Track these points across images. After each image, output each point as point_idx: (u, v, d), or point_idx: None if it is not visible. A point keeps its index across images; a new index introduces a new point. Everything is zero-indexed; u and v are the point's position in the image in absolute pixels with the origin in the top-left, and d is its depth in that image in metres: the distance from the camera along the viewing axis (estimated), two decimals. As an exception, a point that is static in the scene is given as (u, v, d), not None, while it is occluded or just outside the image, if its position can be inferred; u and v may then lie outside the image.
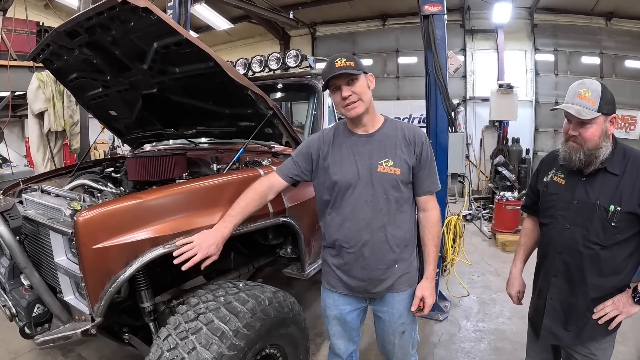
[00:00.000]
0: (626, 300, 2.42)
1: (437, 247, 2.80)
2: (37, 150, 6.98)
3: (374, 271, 2.69)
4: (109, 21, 2.87)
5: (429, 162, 2.71)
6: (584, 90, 2.34)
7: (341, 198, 2.69)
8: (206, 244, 2.64)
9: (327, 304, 3.01)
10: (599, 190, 2.41)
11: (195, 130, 4.47)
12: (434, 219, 2.78)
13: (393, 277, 2.73)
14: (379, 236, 2.65)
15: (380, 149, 2.66)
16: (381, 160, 2.63)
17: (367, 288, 2.76)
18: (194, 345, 2.40)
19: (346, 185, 2.65)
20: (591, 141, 2.35)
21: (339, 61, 2.54)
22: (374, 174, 2.62)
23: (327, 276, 2.96)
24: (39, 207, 3.05)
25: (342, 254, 2.75)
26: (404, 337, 2.91)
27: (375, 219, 2.63)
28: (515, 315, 5.25)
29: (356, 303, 2.92)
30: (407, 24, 14.38)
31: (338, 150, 2.75)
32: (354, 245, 2.68)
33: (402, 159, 2.63)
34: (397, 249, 2.70)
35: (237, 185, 3.14)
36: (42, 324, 2.88)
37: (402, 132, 2.70)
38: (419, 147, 2.67)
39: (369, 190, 2.62)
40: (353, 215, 2.66)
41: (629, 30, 12.67)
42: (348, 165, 2.68)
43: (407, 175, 2.65)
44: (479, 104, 14.00)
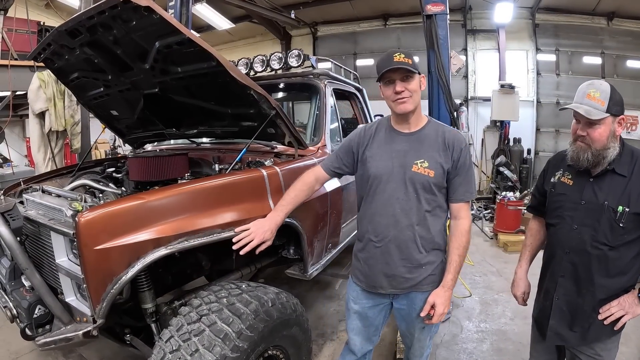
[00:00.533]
0: (632, 300, 2.42)
1: (461, 257, 2.73)
2: (38, 150, 6.96)
3: (398, 268, 2.71)
4: (110, 20, 2.84)
5: (465, 169, 2.67)
6: (593, 90, 2.35)
7: (374, 192, 2.72)
8: (262, 230, 2.83)
9: (351, 297, 3.03)
10: (607, 191, 2.41)
11: (197, 130, 4.45)
12: (463, 228, 2.72)
13: (418, 277, 2.73)
14: (406, 234, 2.66)
15: (418, 148, 2.66)
16: (417, 160, 2.63)
17: (391, 283, 2.76)
18: (196, 347, 2.39)
19: (380, 179, 2.69)
20: (599, 142, 2.36)
21: (397, 56, 2.52)
22: (408, 172, 2.62)
23: (354, 269, 2.99)
24: (40, 208, 3.03)
25: (370, 248, 2.79)
26: (424, 332, 2.93)
27: (405, 217, 2.65)
28: (518, 316, 5.24)
29: (379, 299, 2.91)
30: (408, 23, 14.38)
31: (378, 144, 2.78)
32: (381, 240, 2.71)
33: (438, 162, 2.62)
34: (424, 251, 2.70)
35: (240, 186, 3.14)
36: (43, 325, 2.87)
37: (443, 136, 2.67)
38: (457, 153, 2.64)
39: (402, 187, 2.64)
40: (384, 210, 2.69)
41: (631, 30, 12.67)
42: (384, 160, 2.70)
43: (441, 179, 2.63)
44: (480, 104, 13.99)
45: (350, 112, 6.42)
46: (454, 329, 5.07)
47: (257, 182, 3.23)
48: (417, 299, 2.80)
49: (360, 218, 2.90)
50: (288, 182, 3.40)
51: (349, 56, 15.90)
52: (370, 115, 6.35)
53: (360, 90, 6.28)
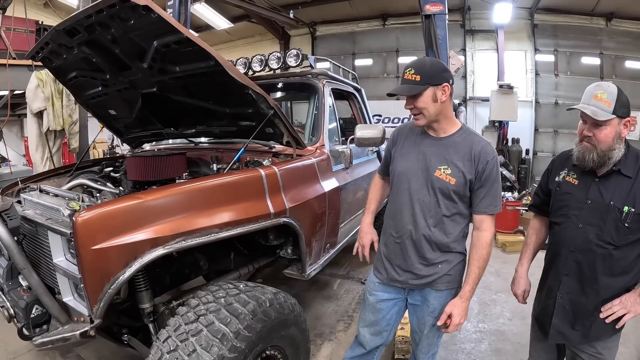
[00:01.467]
0: (634, 299, 2.44)
1: (480, 269, 2.69)
2: (36, 149, 6.96)
3: (414, 264, 2.78)
4: (108, 19, 2.83)
5: (490, 182, 2.65)
6: (600, 92, 2.37)
7: (398, 189, 2.83)
8: (366, 236, 3.19)
9: (369, 287, 3.11)
10: (612, 191, 2.44)
11: (196, 130, 4.46)
12: (484, 240, 2.71)
13: (434, 275, 2.77)
14: (422, 234, 2.72)
15: (443, 154, 2.68)
16: (440, 165, 2.66)
17: (407, 278, 2.83)
18: (194, 347, 2.38)
19: (404, 178, 2.78)
20: (605, 143, 2.38)
21: (407, 72, 2.59)
22: (431, 176, 2.67)
23: (377, 261, 3.07)
24: (37, 207, 3.02)
25: (391, 243, 2.89)
26: (433, 329, 2.92)
27: (423, 218, 2.71)
28: (516, 316, 5.25)
29: (394, 293, 2.97)
30: (407, 23, 14.45)
31: (408, 144, 2.87)
32: (400, 237, 2.81)
33: (461, 170, 2.62)
34: (438, 251, 2.74)
35: (238, 185, 3.13)
36: (41, 325, 2.86)
37: (471, 146, 2.66)
38: (482, 165, 2.61)
39: (424, 190, 2.70)
40: (405, 208, 2.77)
41: (629, 30, 12.72)
42: (411, 160, 2.78)
43: (462, 188, 2.64)
44: (479, 104, 14.04)
45: (348, 112, 6.42)
46: (452, 329, 5.08)
47: (255, 181, 3.22)
48: (431, 297, 2.84)
49: (387, 214, 2.99)
50: (286, 181, 3.42)
51: (348, 56, 15.95)
52: (369, 116, 6.35)
53: (359, 90, 6.28)
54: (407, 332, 4.08)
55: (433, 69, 2.59)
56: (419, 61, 2.65)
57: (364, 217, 3.24)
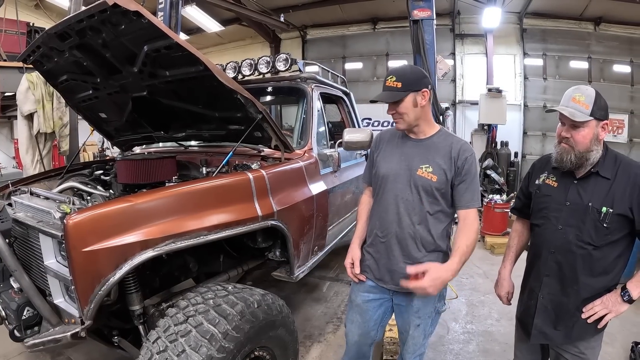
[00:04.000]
0: (615, 299, 2.47)
1: (468, 247, 2.64)
2: (26, 151, 6.94)
3: (399, 264, 2.81)
4: (99, 24, 2.86)
5: (470, 177, 2.75)
6: (578, 94, 2.42)
7: (383, 190, 2.90)
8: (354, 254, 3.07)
9: (354, 288, 3.14)
10: (591, 192, 2.48)
11: (185, 133, 4.47)
12: (473, 226, 2.74)
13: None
14: (407, 232, 2.78)
15: (425, 154, 2.79)
16: (422, 164, 2.76)
17: (392, 278, 2.87)
18: (183, 347, 2.40)
19: (387, 179, 2.86)
20: (582, 144, 2.43)
21: (389, 80, 2.71)
22: (413, 175, 2.76)
23: (363, 263, 3.07)
24: (28, 210, 3.04)
25: (376, 243, 2.94)
26: (418, 329, 2.97)
27: (407, 216, 2.78)
28: (504, 317, 5.29)
29: (380, 293, 3.00)
30: (397, 27, 14.50)
31: (390, 147, 2.96)
32: (385, 236, 2.87)
33: (442, 168, 2.73)
34: (424, 250, 2.80)
35: (226, 189, 3.17)
36: (32, 326, 2.87)
37: (450, 145, 2.77)
38: (462, 161, 2.72)
39: (407, 189, 2.78)
40: (389, 208, 2.84)
41: (617, 35, 12.85)
42: (394, 162, 2.88)
43: (444, 185, 2.73)
44: (468, 107, 14.11)
45: (337, 115, 6.45)
46: (440, 330, 5.10)
47: (243, 185, 3.25)
48: (415, 297, 2.87)
49: (372, 215, 3.05)
50: (274, 185, 3.45)
51: (338, 59, 15.97)
52: (358, 119, 6.37)
53: (348, 94, 6.31)
54: (395, 334, 4.10)
55: (413, 76, 2.72)
56: (400, 68, 2.80)
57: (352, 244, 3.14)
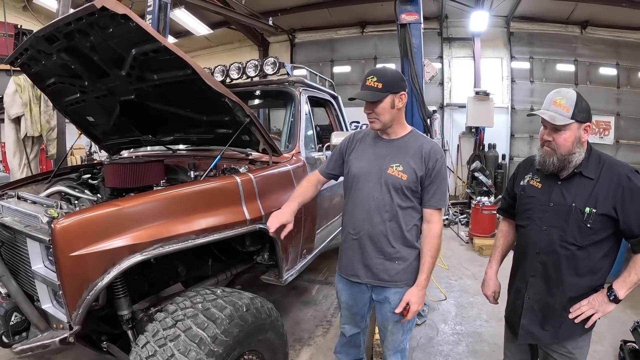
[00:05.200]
0: (602, 299, 2.50)
1: (433, 258, 2.90)
2: (14, 155, 6.88)
3: (372, 259, 2.91)
4: (87, 27, 2.84)
5: (439, 179, 2.85)
6: (559, 98, 2.45)
7: (354, 188, 2.97)
8: (280, 213, 2.96)
9: (338, 288, 3.25)
10: (575, 193, 2.50)
11: (173, 137, 4.46)
12: (435, 232, 2.88)
13: (391, 271, 2.91)
14: (378, 229, 2.86)
15: (395, 154, 2.88)
16: (392, 163, 2.84)
17: (366, 273, 2.97)
18: (172, 352, 2.40)
19: (359, 178, 2.93)
20: (564, 147, 2.45)
21: (370, 79, 2.77)
22: (384, 174, 2.84)
23: (339, 261, 3.19)
24: (15, 214, 3.01)
25: (349, 240, 3.02)
26: (397, 325, 3.03)
27: (378, 213, 2.85)
28: (493, 318, 5.33)
29: (359, 288, 3.09)
30: (385, 31, 14.49)
31: (362, 147, 3.04)
32: (357, 233, 2.95)
33: (412, 167, 2.81)
34: (396, 245, 2.88)
35: (214, 192, 3.17)
36: (20, 332, 2.86)
37: (421, 146, 2.86)
38: (432, 162, 2.81)
39: (377, 187, 2.85)
40: (361, 205, 2.92)
41: (603, 38, 12.98)
42: (365, 161, 2.95)
43: (413, 183, 2.81)
44: (455, 110, 14.16)
45: (326, 119, 6.46)
46: (429, 331, 5.13)
47: (231, 188, 3.26)
48: (391, 293, 2.96)
49: (343, 213, 3.13)
50: (262, 188, 3.46)
51: (326, 63, 15.96)
52: (346, 123, 6.40)
53: (336, 98, 6.33)
54: (384, 336, 4.13)
55: (393, 78, 2.80)
56: (381, 70, 2.93)
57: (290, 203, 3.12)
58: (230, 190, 3.25)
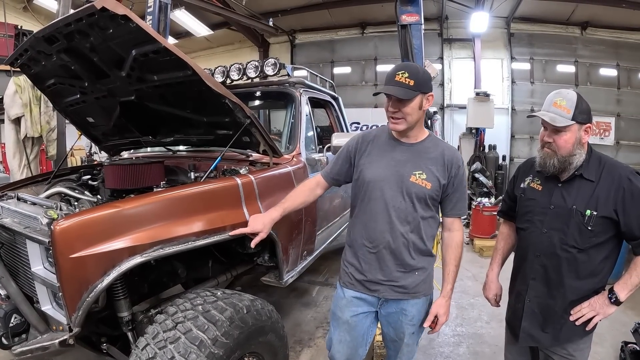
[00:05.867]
0: (602, 301, 2.49)
1: (457, 267, 2.81)
2: (13, 156, 6.88)
3: (393, 273, 2.73)
4: (87, 28, 2.83)
5: (462, 187, 2.75)
6: (559, 99, 2.44)
7: (369, 198, 2.74)
8: (255, 221, 2.89)
9: (340, 305, 2.99)
10: (575, 195, 2.49)
11: (173, 138, 4.45)
12: (458, 240, 2.81)
13: (412, 284, 2.76)
14: (400, 241, 2.68)
15: (417, 160, 2.68)
16: (415, 171, 2.65)
17: (385, 287, 2.78)
18: (172, 354, 2.38)
19: (375, 185, 2.70)
20: (564, 148, 2.44)
21: (400, 74, 2.51)
22: (405, 182, 2.64)
23: (345, 276, 2.95)
24: (15, 215, 3.00)
25: (364, 254, 2.80)
26: (413, 336, 2.94)
27: (400, 224, 2.67)
28: (494, 320, 5.32)
29: (367, 305, 2.89)
30: (386, 32, 14.52)
31: (377, 151, 2.79)
32: (376, 246, 2.73)
33: (435, 175, 2.64)
34: (416, 257, 2.73)
35: (215, 194, 3.15)
36: (20, 334, 2.84)
37: (442, 152, 2.70)
38: (455, 170, 2.68)
39: (398, 196, 2.65)
40: (379, 216, 2.70)
41: (604, 39, 12.99)
42: (383, 167, 2.71)
43: (437, 192, 2.67)
44: (456, 111, 14.18)
45: (326, 120, 6.46)
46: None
47: (231, 190, 3.24)
48: (409, 305, 2.82)
49: (353, 224, 2.91)
50: (263, 190, 3.44)
51: (327, 64, 15.98)
52: (347, 124, 6.39)
53: (336, 99, 6.32)
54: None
55: (424, 77, 2.58)
56: (412, 66, 2.65)
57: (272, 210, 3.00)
58: (231, 192, 3.24)
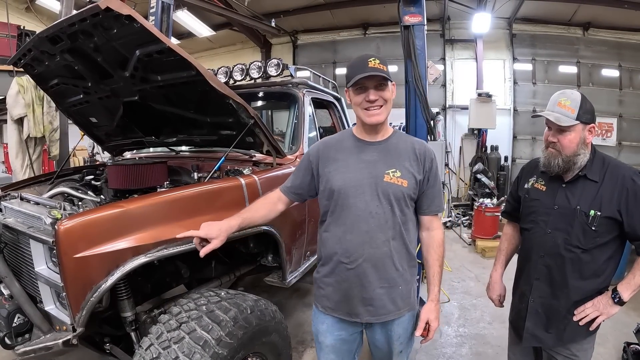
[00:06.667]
0: (606, 301, 2.49)
1: (442, 268, 2.59)
2: (16, 156, 6.88)
3: (375, 290, 2.44)
4: (91, 28, 2.85)
5: (437, 181, 2.54)
6: (564, 99, 2.44)
7: (342, 208, 2.45)
8: (210, 227, 2.41)
9: (320, 330, 2.69)
10: (579, 196, 2.49)
11: (177, 139, 4.46)
12: (439, 239, 2.58)
13: (397, 299, 2.49)
14: (382, 251, 2.41)
15: (388, 158, 2.45)
16: (388, 169, 2.41)
17: (368, 310, 2.49)
18: (176, 354, 2.39)
19: (347, 193, 2.42)
20: (569, 148, 2.44)
21: (372, 61, 2.34)
22: (380, 183, 2.39)
23: (321, 298, 2.64)
24: (18, 215, 3.02)
25: (341, 271, 2.48)
26: (401, 355, 2.70)
27: (380, 232, 2.40)
28: (496, 320, 5.32)
29: (352, 328, 2.62)
30: (388, 33, 14.47)
31: (342, 156, 2.53)
32: (354, 261, 2.42)
33: (410, 171, 2.43)
34: (401, 268, 2.47)
35: (218, 194, 3.16)
36: (23, 334, 2.85)
37: (413, 146, 2.50)
38: (429, 163, 2.48)
39: (375, 200, 2.39)
40: (355, 227, 2.42)
41: (606, 39, 12.95)
42: (352, 171, 2.45)
43: (414, 189, 2.44)
44: (458, 112, 14.13)
45: (328, 120, 6.45)
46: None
47: (235, 190, 3.26)
48: (394, 325, 2.58)
49: (325, 239, 2.57)
50: (266, 190, 3.41)
51: (329, 65, 15.93)
52: (349, 124, 6.39)
53: (339, 99, 6.32)
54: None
55: (387, 66, 2.39)
56: (378, 55, 2.42)
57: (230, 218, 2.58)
58: (235, 192, 3.25)
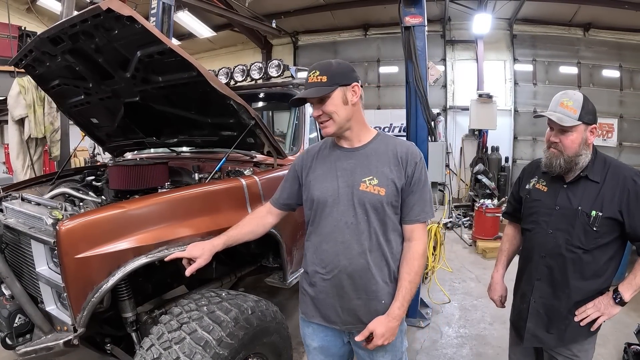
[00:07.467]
0: (607, 301, 2.50)
1: (412, 283, 2.32)
2: (17, 157, 6.89)
3: (352, 301, 2.36)
4: (92, 29, 2.85)
5: (421, 186, 2.35)
6: (566, 99, 2.44)
7: (320, 217, 2.41)
8: (194, 247, 2.53)
9: (306, 333, 2.65)
10: (580, 196, 2.50)
11: (177, 139, 4.46)
12: (416, 251, 2.35)
13: (378, 311, 2.34)
14: (359, 263, 2.31)
15: (365, 165, 2.35)
16: (364, 177, 2.31)
17: (346, 320, 2.42)
18: (177, 355, 2.39)
19: (325, 203, 2.37)
20: (571, 148, 2.45)
21: (312, 75, 2.29)
22: (356, 192, 2.30)
23: (303, 305, 2.61)
24: (19, 216, 3.02)
25: (317, 281, 2.45)
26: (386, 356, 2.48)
27: (356, 243, 2.31)
28: (497, 321, 5.33)
29: (337, 331, 2.53)
30: (388, 34, 14.51)
31: (321, 164, 2.48)
32: (330, 271, 2.37)
33: (389, 178, 2.29)
34: (382, 282, 2.35)
35: (219, 195, 3.16)
36: (24, 334, 2.86)
37: (394, 149, 2.36)
38: (412, 167, 2.32)
39: (350, 210, 2.31)
40: (331, 237, 2.36)
41: (606, 40, 12.96)
42: (329, 180, 2.39)
43: (394, 197, 2.30)
44: (459, 113, 14.16)
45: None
46: (433, 334, 5.12)
47: (236, 191, 3.27)
48: None
49: (306, 247, 2.57)
50: (267, 191, 3.44)
51: (329, 65, 15.94)
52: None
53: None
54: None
55: (340, 69, 2.32)
56: (324, 63, 2.35)
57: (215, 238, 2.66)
58: (236, 193, 3.26)
